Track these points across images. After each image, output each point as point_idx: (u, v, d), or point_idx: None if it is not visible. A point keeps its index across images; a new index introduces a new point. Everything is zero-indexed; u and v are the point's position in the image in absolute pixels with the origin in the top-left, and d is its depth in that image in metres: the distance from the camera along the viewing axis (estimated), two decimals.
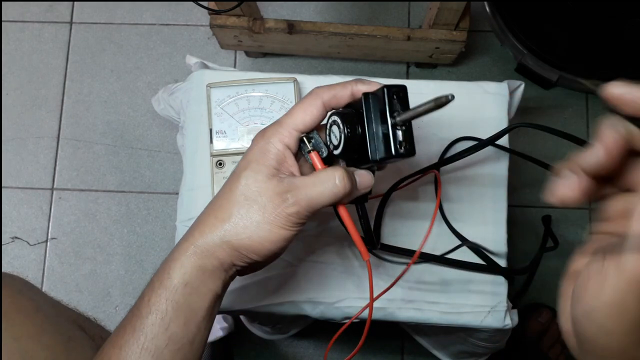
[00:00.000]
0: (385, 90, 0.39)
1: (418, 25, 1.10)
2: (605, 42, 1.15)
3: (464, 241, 0.58)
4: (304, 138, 0.42)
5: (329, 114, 0.43)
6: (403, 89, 0.40)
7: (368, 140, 0.40)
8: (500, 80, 0.66)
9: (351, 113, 0.41)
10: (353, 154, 0.42)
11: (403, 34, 1.05)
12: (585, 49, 1.15)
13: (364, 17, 1.25)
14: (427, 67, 1.21)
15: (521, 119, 0.62)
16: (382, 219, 0.60)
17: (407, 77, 1.22)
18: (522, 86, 0.67)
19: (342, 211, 0.43)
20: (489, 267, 0.59)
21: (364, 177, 0.42)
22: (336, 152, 0.42)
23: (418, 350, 0.96)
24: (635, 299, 0.27)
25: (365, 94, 0.41)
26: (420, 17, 1.23)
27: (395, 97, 0.40)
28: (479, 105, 0.64)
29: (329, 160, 0.44)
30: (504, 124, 0.64)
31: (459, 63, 1.21)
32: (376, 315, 0.59)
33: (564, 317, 0.33)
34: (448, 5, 0.93)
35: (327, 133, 0.43)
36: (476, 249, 0.58)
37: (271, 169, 0.40)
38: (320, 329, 1.03)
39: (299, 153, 0.43)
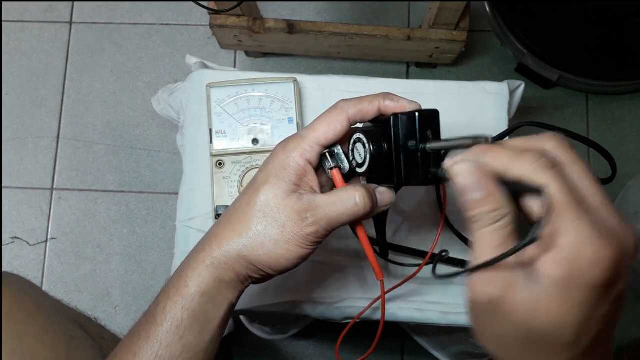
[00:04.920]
0: (417, 115, 0.38)
1: (418, 25, 1.10)
2: (605, 42, 1.15)
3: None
4: (327, 154, 0.41)
5: (352, 128, 0.42)
6: (435, 115, 0.39)
7: (395, 162, 0.39)
8: (500, 80, 0.66)
9: (376, 131, 0.40)
10: (378, 174, 0.41)
11: (403, 33, 1.05)
12: (585, 49, 1.15)
13: (364, 17, 1.25)
14: (427, 67, 1.21)
15: (521, 119, 0.62)
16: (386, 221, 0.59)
17: (407, 77, 1.22)
18: (522, 86, 0.67)
19: (360, 232, 0.43)
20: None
21: (385, 195, 0.42)
22: (359, 170, 0.41)
23: (418, 351, 0.96)
24: (486, 322, 0.32)
25: (395, 115, 0.39)
26: (420, 17, 1.23)
27: (426, 123, 0.39)
28: (479, 105, 0.64)
29: (350, 176, 0.43)
30: (504, 124, 0.64)
31: (459, 63, 1.21)
32: (377, 315, 0.59)
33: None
34: (448, 5, 0.93)
35: (350, 149, 0.42)
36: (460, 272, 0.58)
37: (291, 184, 0.40)
38: (320, 329, 1.03)
39: (319, 166, 0.43)
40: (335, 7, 1.25)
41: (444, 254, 0.45)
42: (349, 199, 0.39)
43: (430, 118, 0.39)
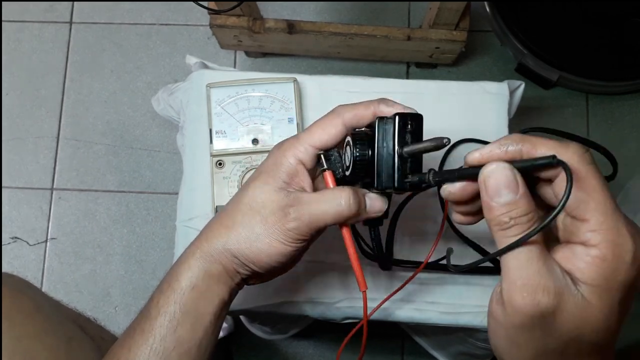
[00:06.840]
0: (396, 118, 0.38)
1: (418, 25, 1.10)
2: (605, 42, 1.15)
3: (483, 254, 0.57)
4: (321, 156, 0.41)
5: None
6: (417, 118, 0.38)
7: (376, 166, 0.39)
8: (500, 80, 0.66)
9: (364, 135, 0.40)
10: (363, 178, 0.40)
11: (403, 33, 1.05)
12: (585, 49, 1.15)
13: (364, 17, 1.25)
14: (427, 67, 1.21)
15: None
16: (394, 230, 0.59)
17: (407, 77, 1.22)
18: (522, 86, 0.67)
19: (345, 233, 0.42)
20: (497, 269, 0.59)
21: (375, 201, 0.41)
22: (347, 172, 0.41)
23: (418, 351, 0.96)
24: (524, 337, 0.30)
25: (380, 118, 0.39)
26: (420, 17, 1.23)
27: (406, 126, 0.38)
28: (479, 105, 0.64)
29: (347, 182, 0.42)
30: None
31: (459, 63, 1.21)
32: (376, 315, 0.59)
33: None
34: (448, 5, 0.93)
35: (343, 152, 0.42)
36: (491, 257, 0.57)
37: (280, 182, 0.40)
38: (320, 329, 1.03)
39: (318, 170, 0.42)
40: (335, 7, 1.25)
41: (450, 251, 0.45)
42: (335, 198, 0.39)
43: (412, 121, 0.38)
